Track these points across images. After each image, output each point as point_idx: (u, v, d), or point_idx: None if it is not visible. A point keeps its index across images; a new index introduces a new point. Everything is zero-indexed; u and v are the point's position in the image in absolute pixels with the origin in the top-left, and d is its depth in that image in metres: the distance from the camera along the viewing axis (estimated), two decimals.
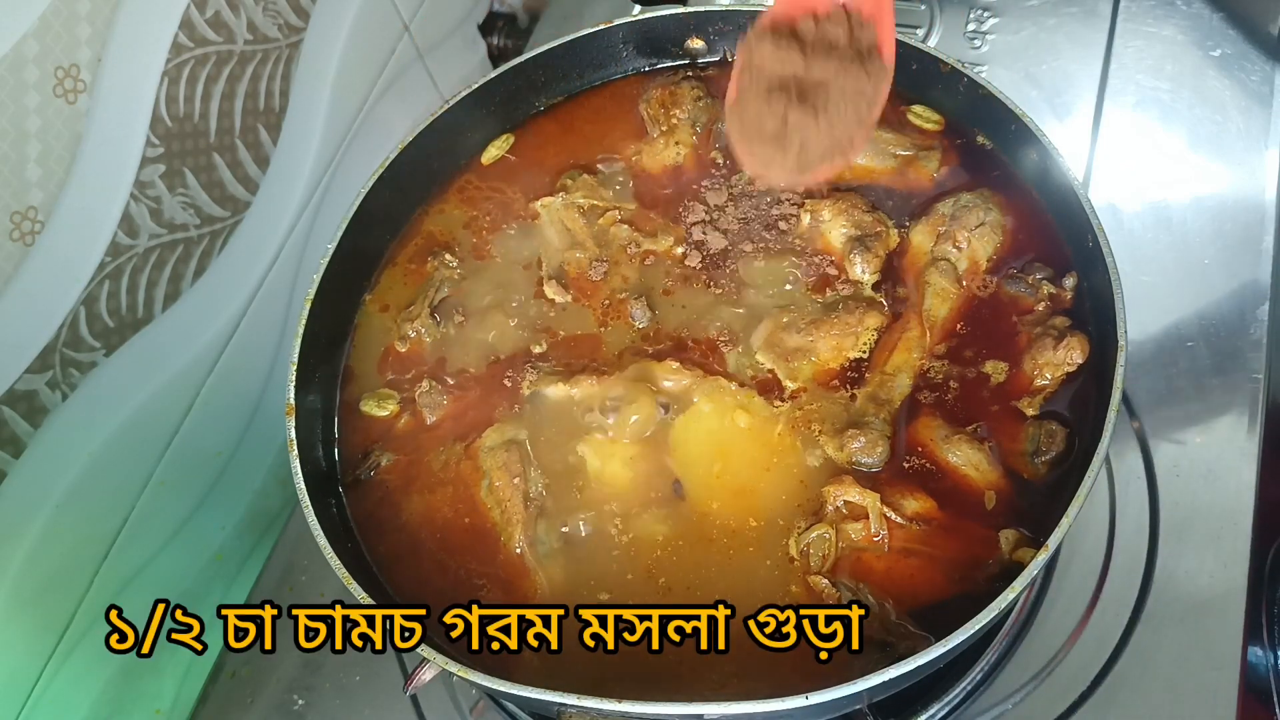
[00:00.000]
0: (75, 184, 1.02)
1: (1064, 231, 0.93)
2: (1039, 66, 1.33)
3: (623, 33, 1.08)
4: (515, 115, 1.09)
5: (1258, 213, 1.19)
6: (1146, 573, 1.01)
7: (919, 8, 1.39)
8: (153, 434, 1.19)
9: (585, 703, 0.72)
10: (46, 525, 1.06)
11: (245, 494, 1.34)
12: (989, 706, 0.97)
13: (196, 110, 1.16)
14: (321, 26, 1.32)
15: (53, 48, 0.97)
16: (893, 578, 0.81)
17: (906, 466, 0.85)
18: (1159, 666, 0.96)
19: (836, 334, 0.91)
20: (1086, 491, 0.75)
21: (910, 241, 0.97)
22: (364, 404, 0.94)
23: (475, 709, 1.05)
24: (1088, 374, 0.86)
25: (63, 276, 1.04)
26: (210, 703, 1.09)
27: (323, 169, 1.37)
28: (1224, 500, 1.03)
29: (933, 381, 0.89)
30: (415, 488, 0.90)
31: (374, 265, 1.02)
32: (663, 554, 0.84)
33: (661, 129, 1.06)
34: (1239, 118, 1.26)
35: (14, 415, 1.00)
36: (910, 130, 1.02)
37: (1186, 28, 1.32)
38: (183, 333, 1.20)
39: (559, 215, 1.02)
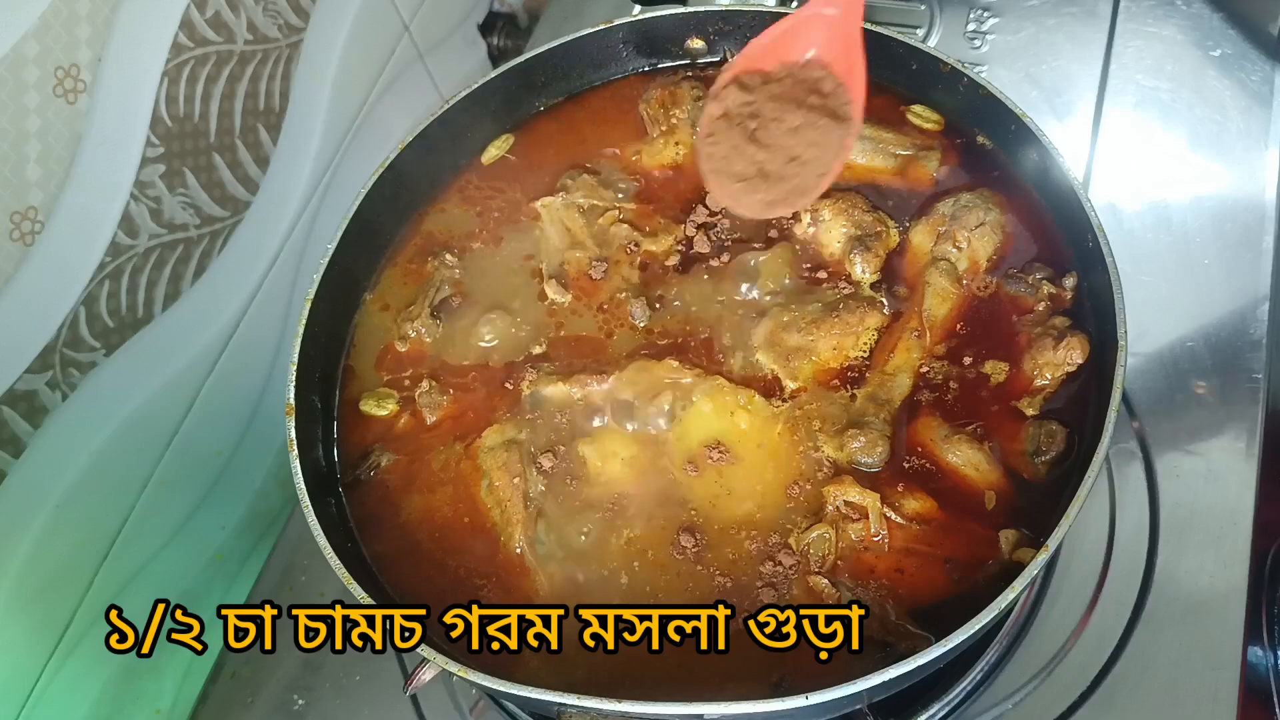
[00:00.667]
0: (75, 184, 1.02)
1: (1064, 231, 0.93)
2: (1039, 66, 1.33)
3: (623, 33, 1.08)
4: (515, 115, 1.09)
5: (1258, 213, 1.19)
6: (1146, 573, 1.01)
7: (919, 8, 1.39)
8: (153, 434, 1.19)
9: (585, 703, 0.72)
10: (46, 525, 1.06)
11: (245, 494, 1.34)
12: (989, 706, 0.97)
13: (196, 110, 1.16)
14: (321, 26, 1.32)
15: (53, 48, 0.97)
16: (893, 578, 0.81)
17: (906, 466, 0.85)
18: (1159, 666, 0.96)
19: (837, 334, 0.91)
20: (1086, 491, 0.75)
21: (910, 241, 0.97)
22: (364, 404, 0.94)
23: (475, 709, 1.05)
24: (1088, 374, 0.86)
25: (63, 276, 1.04)
26: (210, 703, 1.09)
27: (323, 169, 1.37)
28: (1224, 500, 1.03)
29: (933, 381, 0.89)
30: (415, 487, 0.90)
31: (374, 265, 1.02)
32: (663, 553, 0.84)
33: (661, 129, 1.06)
34: (1239, 118, 1.26)
35: (14, 415, 1.00)
36: (910, 130, 1.02)
37: (1186, 28, 1.32)
38: (183, 333, 1.20)
39: (559, 215, 1.02)
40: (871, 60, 1.03)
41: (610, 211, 1.02)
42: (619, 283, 0.99)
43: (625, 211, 1.02)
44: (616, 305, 0.97)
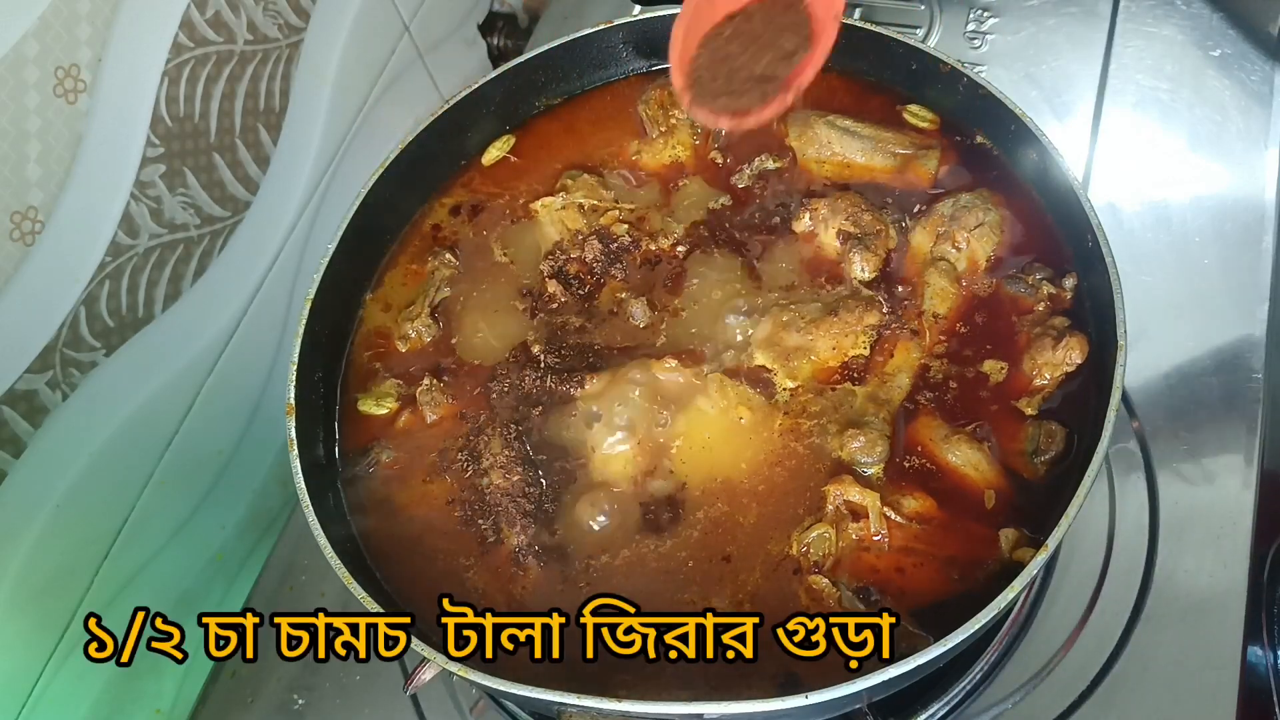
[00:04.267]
0: (75, 184, 1.02)
1: (1064, 231, 0.93)
2: (1039, 66, 1.33)
3: (623, 33, 1.08)
4: (515, 115, 1.09)
5: (1258, 213, 1.19)
6: (1146, 573, 1.01)
7: (919, 8, 1.39)
8: (153, 434, 1.19)
9: (585, 702, 0.72)
10: (46, 525, 1.06)
11: (245, 494, 1.34)
12: (989, 706, 0.97)
13: (197, 110, 1.16)
14: (321, 26, 1.32)
15: (53, 48, 0.97)
16: (893, 577, 0.81)
17: (906, 466, 0.85)
18: (1159, 666, 0.96)
19: (836, 333, 0.91)
20: (1086, 491, 0.75)
21: (910, 241, 0.97)
22: (363, 403, 0.94)
23: (475, 709, 1.05)
24: (1087, 374, 0.86)
25: (63, 276, 1.04)
26: (210, 703, 1.09)
27: (323, 169, 1.37)
28: (1224, 500, 1.03)
29: (932, 381, 0.89)
30: (415, 485, 0.90)
31: (374, 265, 1.02)
32: (662, 552, 0.84)
33: (660, 129, 1.06)
34: (1239, 118, 1.26)
35: (14, 415, 1.00)
36: (908, 129, 1.02)
37: (1186, 28, 1.32)
38: (183, 333, 1.20)
39: (560, 215, 1.02)
40: (871, 60, 1.04)
41: (610, 211, 1.02)
42: (619, 283, 0.99)
43: (625, 211, 1.02)
44: (617, 305, 0.97)
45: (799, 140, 1.02)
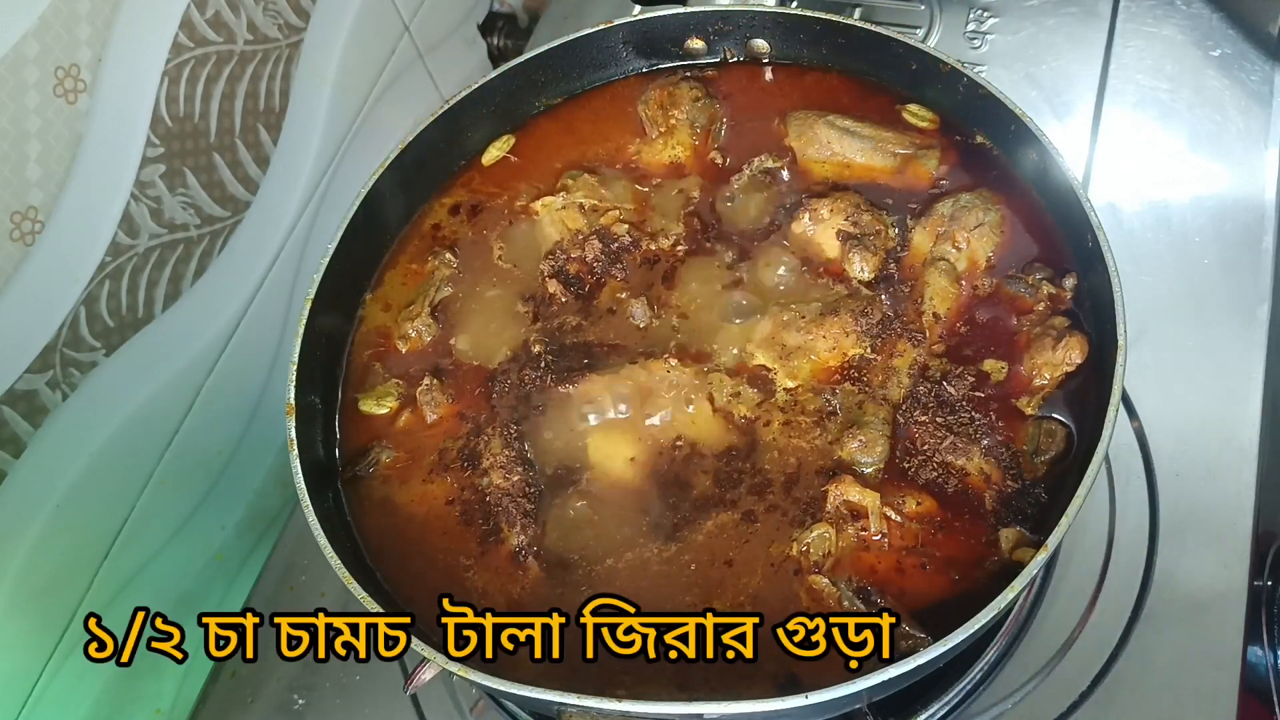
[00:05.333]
0: (75, 184, 1.02)
1: (1064, 231, 0.93)
2: (1039, 66, 1.33)
3: (622, 33, 1.08)
4: (515, 115, 1.09)
5: (1258, 213, 1.19)
6: (1146, 573, 1.01)
7: (919, 8, 1.39)
8: (153, 434, 1.19)
9: (585, 702, 0.72)
10: (46, 525, 1.06)
11: (245, 494, 1.34)
12: (989, 706, 0.97)
13: (197, 110, 1.16)
14: (321, 26, 1.32)
15: (53, 48, 0.97)
16: (893, 577, 0.81)
17: (906, 466, 0.85)
18: (1159, 666, 0.96)
19: (836, 333, 0.91)
20: (1086, 491, 0.75)
21: (910, 241, 0.97)
22: (363, 403, 0.94)
23: (475, 709, 1.05)
24: (1087, 374, 0.86)
25: (63, 276, 1.04)
26: (210, 703, 1.09)
27: (323, 169, 1.37)
28: (1224, 500, 1.03)
29: (932, 380, 0.89)
30: (415, 485, 0.90)
31: (374, 265, 1.02)
32: (662, 552, 0.84)
33: (660, 130, 1.06)
34: (1239, 118, 1.26)
35: (14, 415, 1.00)
36: (908, 129, 1.02)
37: (1186, 28, 1.32)
38: (183, 333, 1.20)
39: (560, 215, 1.02)
40: (871, 60, 1.04)
41: (610, 211, 1.02)
42: (619, 282, 0.99)
43: (625, 211, 1.02)
44: (617, 305, 0.97)
45: (799, 140, 1.03)
